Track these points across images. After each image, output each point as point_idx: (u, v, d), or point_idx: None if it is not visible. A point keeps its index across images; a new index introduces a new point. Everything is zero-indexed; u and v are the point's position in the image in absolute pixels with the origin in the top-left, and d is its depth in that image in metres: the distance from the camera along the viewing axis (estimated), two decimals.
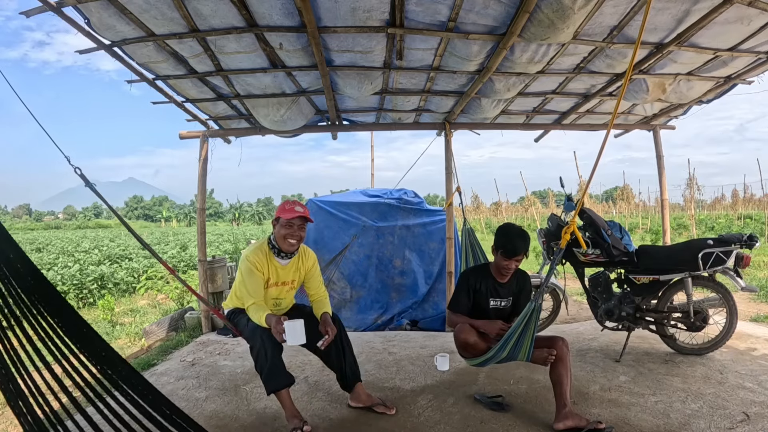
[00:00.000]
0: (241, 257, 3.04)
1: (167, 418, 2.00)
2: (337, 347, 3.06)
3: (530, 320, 2.67)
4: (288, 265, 3.12)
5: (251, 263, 2.95)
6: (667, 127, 5.85)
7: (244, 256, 3.01)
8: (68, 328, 1.76)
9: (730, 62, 3.99)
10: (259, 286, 2.94)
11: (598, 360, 3.98)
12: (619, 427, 2.77)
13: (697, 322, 3.84)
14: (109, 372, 1.84)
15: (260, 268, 2.98)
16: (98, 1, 2.75)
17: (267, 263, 3.02)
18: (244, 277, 2.96)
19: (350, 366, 3.12)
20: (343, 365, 3.10)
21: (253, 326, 2.89)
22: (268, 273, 3.03)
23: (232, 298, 3.20)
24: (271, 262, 3.05)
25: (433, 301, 5.80)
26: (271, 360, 2.78)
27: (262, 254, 3.02)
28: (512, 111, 5.18)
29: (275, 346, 2.81)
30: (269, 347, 2.78)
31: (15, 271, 1.56)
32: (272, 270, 3.05)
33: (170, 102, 4.44)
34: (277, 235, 3.01)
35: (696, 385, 3.37)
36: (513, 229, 3.02)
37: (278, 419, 2.99)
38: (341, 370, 3.11)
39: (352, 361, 3.14)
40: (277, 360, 2.81)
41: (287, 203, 3.06)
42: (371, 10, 2.81)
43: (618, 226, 4.12)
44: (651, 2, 2.33)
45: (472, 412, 3.07)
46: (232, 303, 3.18)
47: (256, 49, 3.35)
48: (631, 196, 27.10)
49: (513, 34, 2.99)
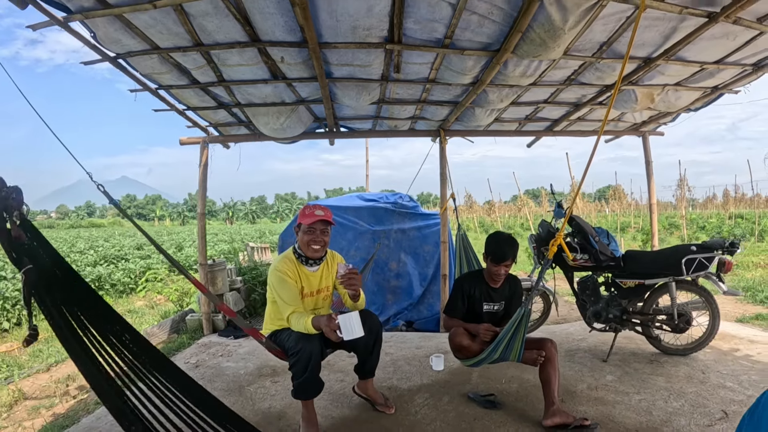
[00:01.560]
0: (269, 271, 2.98)
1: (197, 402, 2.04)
2: (368, 342, 2.99)
3: (520, 324, 2.83)
4: (317, 271, 3.08)
5: (281, 272, 2.90)
6: (656, 134, 6.03)
7: (273, 268, 2.95)
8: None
9: (716, 74, 4.12)
10: (294, 293, 2.87)
11: (586, 360, 4.14)
12: (604, 424, 2.92)
13: (681, 324, 4.00)
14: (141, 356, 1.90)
15: (292, 276, 2.92)
16: (105, 17, 2.86)
17: (297, 271, 2.97)
18: (277, 288, 2.89)
19: (372, 363, 3.17)
20: (368, 358, 3.12)
21: (297, 336, 2.79)
22: (300, 282, 2.97)
23: (267, 323, 3.12)
24: (301, 270, 3.00)
25: (427, 303, 5.95)
26: (311, 369, 2.73)
27: (290, 263, 2.98)
28: (505, 119, 5.32)
29: (319, 355, 2.76)
30: (314, 356, 2.73)
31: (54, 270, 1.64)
32: (303, 278, 3.00)
33: (172, 110, 4.55)
34: (301, 242, 2.97)
35: (679, 384, 3.53)
36: (501, 237, 3.19)
37: (283, 418, 3.12)
38: (364, 362, 3.14)
39: (376, 360, 3.17)
40: (316, 371, 2.77)
41: (307, 208, 3.00)
42: (371, 28, 2.94)
43: (605, 232, 4.28)
44: (639, 21, 2.47)
45: (466, 409, 3.22)
46: (270, 327, 3.09)
47: (258, 62, 3.46)
48: (622, 195, 27.40)
49: (506, 50, 3.13)
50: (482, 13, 2.78)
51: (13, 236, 1.24)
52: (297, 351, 2.73)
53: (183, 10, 2.76)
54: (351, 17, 2.81)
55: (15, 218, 1.21)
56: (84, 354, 1.43)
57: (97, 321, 1.52)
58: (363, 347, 3.04)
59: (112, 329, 1.60)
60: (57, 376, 4.95)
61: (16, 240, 1.24)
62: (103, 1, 2.67)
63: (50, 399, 4.25)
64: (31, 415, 3.88)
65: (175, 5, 2.68)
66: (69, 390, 4.51)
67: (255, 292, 6.79)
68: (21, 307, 7.85)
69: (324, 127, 5.40)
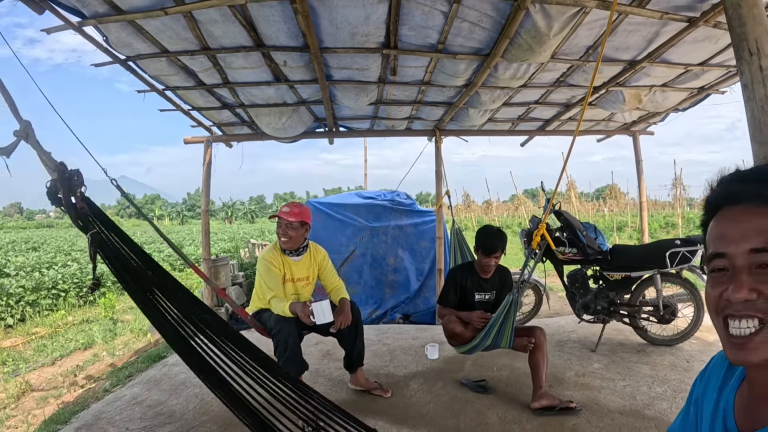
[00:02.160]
0: (258, 258, 3.40)
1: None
2: (351, 331, 3.35)
3: (510, 310, 3.02)
4: (300, 261, 3.44)
5: (267, 261, 3.31)
6: (646, 133, 6.21)
7: (261, 256, 3.36)
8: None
9: (701, 75, 4.27)
10: (277, 280, 3.29)
11: (575, 350, 4.33)
12: (589, 407, 3.11)
13: (667, 315, 4.16)
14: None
15: (276, 265, 3.31)
16: (118, 23, 3.02)
17: (281, 260, 3.36)
18: (262, 274, 3.30)
19: (358, 350, 3.44)
20: (353, 347, 3.41)
21: (276, 317, 3.18)
22: (284, 269, 3.36)
23: (254, 300, 3.49)
24: (285, 260, 3.38)
25: (424, 297, 6.15)
26: (291, 348, 3.07)
27: (276, 252, 3.37)
28: (498, 119, 5.51)
29: (297, 336, 3.12)
30: (292, 336, 3.08)
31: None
32: (286, 266, 3.38)
33: (177, 110, 4.72)
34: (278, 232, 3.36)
35: (663, 372, 3.70)
36: (490, 230, 3.39)
37: None
38: (350, 351, 3.42)
39: (362, 347, 3.46)
40: (297, 349, 3.12)
41: (284, 205, 3.40)
42: (369, 34, 3.12)
43: (593, 227, 4.45)
44: (610, 24, 2.63)
45: (459, 394, 3.41)
46: (255, 305, 3.46)
47: (261, 65, 3.63)
48: (619, 195, 27.58)
49: (496, 55, 3.31)
50: (472, 21, 2.97)
51: (79, 207, 1.50)
52: (277, 332, 3.10)
53: (192, 16, 2.92)
54: (350, 24, 2.99)
55: (78, 195, 1.45)
56: (144, 295, 1.72)
57: (147, 270, 1.78)
58: (347, 333, 3.34)
59: (162, 279, 1.82)
60: (62, 369, 5.10)
61: (81, 210, 1.51)
62: (116, 8, 2.82)
63: (58, 389, 4.40)
64: (39, 405, 4.03)
65: (185, 12, 2.85)
66: (77, 380, 4.67)
67: None
68: (24, 304, 8.02)
69: (324, 126, 5.59)
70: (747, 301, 0.70)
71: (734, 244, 0.72)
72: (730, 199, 0.76)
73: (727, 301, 0.72)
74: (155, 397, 3.57)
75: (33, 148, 1.43)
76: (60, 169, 1.45)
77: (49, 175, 1.43)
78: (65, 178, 1.46)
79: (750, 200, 0.72)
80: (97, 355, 5.55)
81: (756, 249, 0.70)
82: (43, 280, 9.00)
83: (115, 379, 4.27)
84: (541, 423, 2.94)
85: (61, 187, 1.47)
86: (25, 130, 1.40)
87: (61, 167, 1.46)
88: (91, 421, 3.21)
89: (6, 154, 1.43)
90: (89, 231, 1.51)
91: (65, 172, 1.47)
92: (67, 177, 1.47)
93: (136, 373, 4.33)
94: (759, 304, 0.69)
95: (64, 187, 1.46)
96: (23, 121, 1.42)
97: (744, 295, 0.70)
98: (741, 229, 0.72)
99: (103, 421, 3.20)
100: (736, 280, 0.71)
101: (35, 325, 7.50)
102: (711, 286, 0.76)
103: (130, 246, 1.64)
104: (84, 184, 1.54)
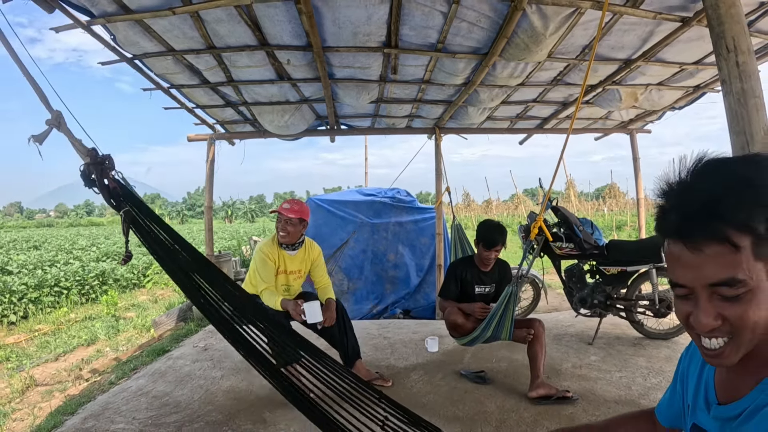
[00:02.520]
0: (255, 249, 3.51)
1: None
2: (340, 329, 3.50)
3: (509, 302, 3.11)
4: (295, 255, 3.57)
5: (264, 254, 3.44)
6: (643, 131, 6.29)
7: (258, 247, 3.48)
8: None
9: (696, 74, 4.34)
10: (270, 273, 3.41)
11: (572, 343, 4.41)
12: (586, 397, 3.19)
13: (662, 309, 4.22)
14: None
15: (272, 257, 3.45)
16: (126, 22, 3.10)
17: (277, 253, 3.50)
18: (258, 266, 3.42)
19: (352, 345, 3.55)
20: (345, 344, 3.53)
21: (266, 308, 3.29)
22: (278, 262, 3.49)
23: (247, 284, 3.60)
24: (281, 253, 3.52)
25: (424, 292, 6.24)
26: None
27: (273, 245, 3.50)
28: (497, 117, 5.59)
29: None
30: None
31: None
32: (281, 259, 3.52)
33: (181, 108, 4.80)
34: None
35: (659, 364, 3.79)
36: (491, 224, 3.47)
37: None
38: (344, 348, 3.53)
39: (354, 341, 3.57)
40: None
41: (284, 202, 3.54)
42: (370, 34, 3.21)
43: (590, 222, 4.53)
44: (602, 23, 2.70)
45: (458, 384, 3.49)
46: (247, 289, 3.53)
47: (265, 64, 3.71)
48: (619, 194, 27.65)
49: (494, 54, 3.40)
50: (471, 21, 3.05)
51: (111, 188, 1.64)
52: None
53: (199, 16, 3.01)
54: (352, 24, 3.08)
55: (111, 177, 1.56)
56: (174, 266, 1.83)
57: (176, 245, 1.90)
58: (335, 333, 3.50)
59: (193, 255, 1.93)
60: (66, 364, 5.16)
61: (114, 190, 1.65)
62: (125, 7, 2.90)
63: (62, 384, 4.45)
64: (45, 398, 4.09)
65: (192, 12, 2.93)
66: (82, 374, 4.73)
67: None
68: (27, 301, 8.08)
69: (325, 124, 5.67)
70: (713, 329, 0.72)
71: (691, 277, 0.72)
72: (674, 235, 0.74)
73: (695, 322, 0.74)
74: (161, 388, 3.64)
75: (65, 135, 1.52)
76: (92, 154, 1.57)
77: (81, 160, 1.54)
78: (97, 162, 1.57)
79: (695, 240, 0.70)
80: (101, 351, 5.61)
81: (714, 284, 0.70)
82: (45, 277, 9.06)
83: (120, 372, 4.34)
84: (539, 411, 3.02)
85: (93, 170, 1.57)
86: (57, 119, 1.49)
87: (93, 152, 1.57)
88: (98, 411, 3.28)
89: (39, 141, 1.52)
90: (122, 209, 1.62)
91: (97, 157, 1.57)
92: (99, 161, 1.58)
93: (141, 366, 4.40)
94: (724, 328, 0.72)
95: (96, 170, 1.57)
96: (54, 111, 1.51)
97: (710, 323, 0.72)
98: (693, 267, 0.71)
99: (110, 411, 3.27)
100: (700, 308, 0.73)
101: (38, 322, 7.56)
102: (679, 304, 0.78)
103: (160, 224, 1.74)
104: (115, 168, 1.64)
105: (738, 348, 0.73)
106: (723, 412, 0.82)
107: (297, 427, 2.91)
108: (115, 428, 2.99)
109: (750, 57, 1.77)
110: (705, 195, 0.70)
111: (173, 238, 1.79)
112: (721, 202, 0.68)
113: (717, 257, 0.68)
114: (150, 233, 1.70)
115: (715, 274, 0.69)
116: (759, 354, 0.75)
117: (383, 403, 1.90)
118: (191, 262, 1.82)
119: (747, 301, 0.69)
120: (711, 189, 0.70)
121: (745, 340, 0.72)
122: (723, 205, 0.68)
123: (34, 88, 1.49)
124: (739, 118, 1.66)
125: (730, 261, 0.68)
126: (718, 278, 0.69)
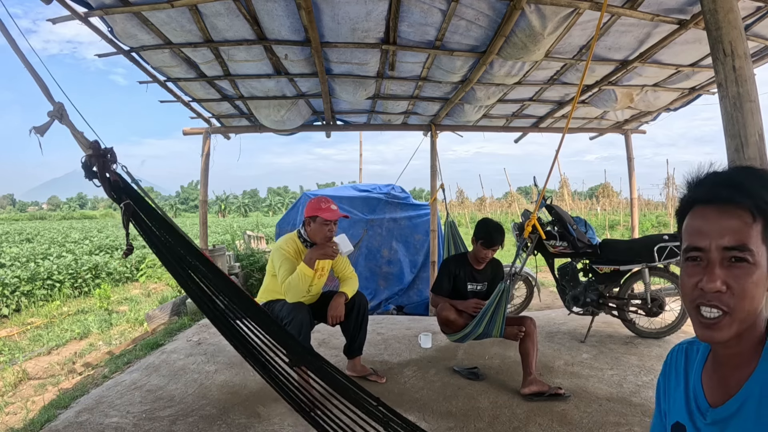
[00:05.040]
0: (274, 248, 3.41)
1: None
2: (356, 320, 3.47)
3: (501, 299, 3.13)
4: None
5: (285, 251, 3.33)
6: (638, 132, 6.33)
7: (278, 246, 3.38)
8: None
9: (692, 76, 4.38)
10: (292, 270, 3.25)
11: (565, 341, 4.45)
12: (578, 394, 3.22)
13: (654, 309, 4.27)
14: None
15: (294, 255, 3.34)
16: (124, 14, 3.08)
17: (299, 252, 3.39)
18: (279, 263, 3.29)
19: (360, 340, 3.55)
20: (357, 335, 3.52)
21: (289, 307, 3.19)
22: (300, 259, 3.34)
23: (263, 293, 3.50)
24: (304, 252, 3.38)
25: (417, 289, 6.27)
26: (304, 337, 3.11)
27: (294, 244, 3.40)
28: (493, 115, 5.61)
29: (309, 325, 3.18)
30: (305, 325, 3.13)
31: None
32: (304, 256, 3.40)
33: (177, 101, 4.78)
34: (313, 231, 3.34)
35: (650, 363, 3.83)
36: (492, 224, 3.49)
37: None
38: (353, 339, 3.54)
39: (363, 337, 3.57)
40: (308, 338, 3.20)
41: (322, 201, 3.36)
42: (369, 30, 3.21)
43: (583, 221, 4.57)
44: (598, 31, 2.72)
45: (451, 380, 3.52)
46: (265, 297, 3.47)
47: (263, 58, 3.71)
48: (612, 193, 27.80)
49: (492, 53, 3.41)
50: (470, 19, 3.07)
51: (112, 181, 1.65)
52: (291, 319, 3.12)
53: (197, 9, 2.99)
54: (351, 20, 3.08)
55: (112, 170, 1.57)
56: (173, 260, 1.86)
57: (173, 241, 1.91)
58: (353, 323, 3.46)
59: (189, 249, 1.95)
60: (59, 358, 5.13)
61: (115, 183, 1.67)
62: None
63: (55, 377, 4.43)
64: (38, 392, 4.07)
65: (190, 5, 2.92)
66: (75, 367, 4.72)
67: (252, 278, 7.05)
68: (19, 294, 8.04)
69: (321, 119, 5.66)
70: (718, 293, 0.80)
71: (709, 240, 0.81)
72: (705, 199, 0.84)
73: (700, 290, 0.82)
74: (155, 382, 3.64)
75: (67, 127, 1.52)
76: (94, 146, 1.57)
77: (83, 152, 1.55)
78: (99, 155, 1.58)
79: (723, 201, 0.81)
80: (93, 345, 5.60)
81: (728, 247, 0.80)
82: (38, 270, 9.00)
83: (113, 365, 4.33)
84: (531, 408, 3.05)
85: (95, 162, 1.59)
86: (59, 111, 1.49)
87: (95, 144, 1.57)
88: (92, 405, 3.27)
89: (40, 133, 1.52)
90: (122, 201, 1.63)
91: (99, 149, 1.58)
92: (101, 154, 1.58)
93: (134, 360, 4.39)
94: (725, 299, 0.80)
95: (98, 162, 1.58)
96: (56, 103, 1.51)
97: (717, 285, 0.79)
98: (715, 228, 0.81)
99: (104, 405, 3.26)
100: (710, 272, 0.81)
101: (30, 315, 7.52)
102: (687, 275, 0.85)
103: (159, 219, 1.74)
104: (117, 161, 1.65)
105: (732, 322, 0.80)
106: (719, 414, 0.86)
107: (290, 421, 2.93)
108: (109, 422, 2.99)
109: (746, 61, 1.80)
110: (735, 176, 0.85)
111: (170, 232, 1.79)
112: (748, 183, 0.81)
113: (736, 222, 0.80)
114: (150, 226, 1.71)
115: (731, 238, 0.79)
116: (745, 350, 0.84)
117: (380, 410, 1.91)
118: (190, 256, 1.83)
119: (749, 273, 0.79)
120: (739, 174, 0.85)
121: (740, 314, 0.80)
122: (750, 185, 0.81)
123: (36, 80, 1.48)
124: (735, 121, 1.69)
125: (746, 231, 0.79)
126: (733, 242, 0.79)
